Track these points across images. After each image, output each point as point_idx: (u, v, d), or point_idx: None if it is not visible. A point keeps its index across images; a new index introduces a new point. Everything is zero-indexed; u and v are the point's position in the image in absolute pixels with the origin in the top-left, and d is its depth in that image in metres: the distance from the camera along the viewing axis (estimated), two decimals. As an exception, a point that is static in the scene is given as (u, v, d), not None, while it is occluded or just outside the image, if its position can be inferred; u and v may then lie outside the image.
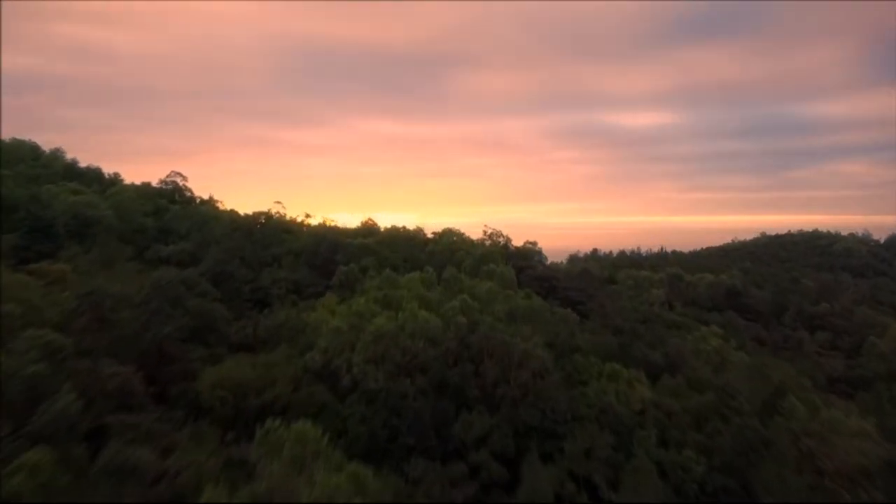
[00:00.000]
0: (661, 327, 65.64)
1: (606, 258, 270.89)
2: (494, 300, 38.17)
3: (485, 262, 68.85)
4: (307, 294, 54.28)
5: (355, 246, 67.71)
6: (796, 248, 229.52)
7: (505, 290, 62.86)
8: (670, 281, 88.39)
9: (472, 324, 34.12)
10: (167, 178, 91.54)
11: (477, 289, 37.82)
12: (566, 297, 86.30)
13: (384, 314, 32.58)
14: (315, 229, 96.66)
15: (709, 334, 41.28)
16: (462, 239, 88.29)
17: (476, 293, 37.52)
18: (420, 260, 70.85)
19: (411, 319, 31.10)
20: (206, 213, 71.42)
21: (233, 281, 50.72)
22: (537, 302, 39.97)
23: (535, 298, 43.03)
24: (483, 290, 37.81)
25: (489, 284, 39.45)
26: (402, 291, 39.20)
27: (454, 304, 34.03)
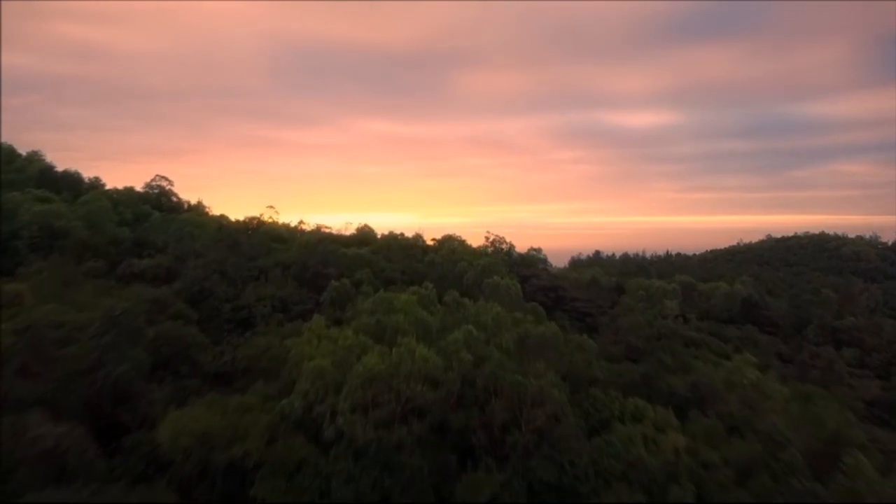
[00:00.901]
0: (678, 345, 61.03)
1: (609, 260, 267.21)
2: (502, 327, 33.51)
3: (488, 273, 64.26)
4: (295, 313, 49.61)
5: (349, 257, 63.06)
6: (804, 252, 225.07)
7: (512, 311, 58.44)
8: (683, 291, 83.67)
9: (478, 359, 29.53)
10: (152, 182, 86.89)
11: (482, 316, 33.17)
12: (573, 309, 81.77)
13: (376, 349, 27.95)
14: (309, 236, 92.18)
15: (742, 363, 36.57)
16: (463, 247, 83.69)
17: (481, 320, 32.89)
18: (419, 271, 66.21)
19: (407, 358, 26.45)
20: (190, 222, 66.69)
21: (212, 299, 46.03)
22: (550, 329, 35.26)
23: (548, 323, 38.32)
24: (489, 316, 33.15)
25: (496, 309, 34.72)
26: (398, 317, 34.54)
27: (457, 336, 29.36)
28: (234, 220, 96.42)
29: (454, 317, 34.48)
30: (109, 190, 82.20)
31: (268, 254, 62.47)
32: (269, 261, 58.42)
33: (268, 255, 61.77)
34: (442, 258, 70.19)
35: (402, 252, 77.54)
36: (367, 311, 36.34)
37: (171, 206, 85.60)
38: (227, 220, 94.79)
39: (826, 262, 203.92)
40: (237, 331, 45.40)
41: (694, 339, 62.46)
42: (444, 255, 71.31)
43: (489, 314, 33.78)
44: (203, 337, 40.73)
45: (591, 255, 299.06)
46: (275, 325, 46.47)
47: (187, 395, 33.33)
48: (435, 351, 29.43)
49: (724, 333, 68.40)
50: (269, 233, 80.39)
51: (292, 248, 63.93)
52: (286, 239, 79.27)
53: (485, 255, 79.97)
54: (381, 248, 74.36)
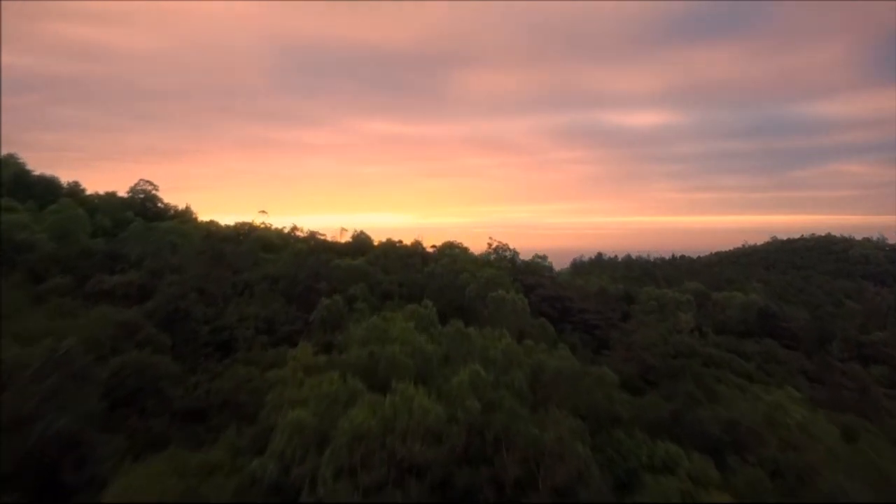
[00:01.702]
0: (697, 364, 56.68)
1: (612, 263, 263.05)
2: (513, 362, 29.10)
3: (492, 286, 59.89)
4: (281, 334, 45.19)
5: (343, 269, 58.62)
6: (810, 254, 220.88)
7: (519, 327, 54.03)
8: (696, 301, 79.28)
9: (486, 404, 25.20)
10: (136, 187, 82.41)
11: (491, 350, 28.75)
12: (581, 321, 77.36)
13: (366, 399, 23.57)
14: (301, 244, 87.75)
15: (786, 399, 32.16)
16: (465, 255, 79.31)
17: (490, 355, 28.49)
18: (418, 283, 61.79)
19: (404, 410, 22.09)
20: (173, 230, 62.20)
21: (188, 321, 41.58)
22: (567, 361, 30.86)
23: (562, 352, 33.92)
24: (498, 350, 28.74)
25: (505, 340, 30.28)
26: (394, 348, 30.17)
27: (462, 378, 24.96)
28: (224, 226, 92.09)
29: (458, 349, 30.03)
30: (90, 195, 77.69)
31: (255, 266, 58.01)
32: (256, 274, 53.96)
33: (255, 268, 57.33)
34: (442, 268, 65.76)
35: (400, 261, 73.15)
36: (358, 341, 31.89)
37: (157, 212, 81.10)
38: (216, 225, 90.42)
39: (834, 265, 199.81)
40: (216, 356, 40.98)
41: (713, 357, 58.09)
42: (445, 265, 66.88)
43: (498, 347, 29.31)
44: (175, 366, 36.26)
45: (592, 257, 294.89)
46: (258, 349, 42.03)
47: (150, 440, 29.02)
48: (436, 396, 25.03)
49: (743, 349, 64.02)
50: (260, 240, 76.01)
51: (282, 259, 59.46)
52: (278, 247, 74.83)
53: (488, 265, 75.59)
54: (377, 257, 69.95)
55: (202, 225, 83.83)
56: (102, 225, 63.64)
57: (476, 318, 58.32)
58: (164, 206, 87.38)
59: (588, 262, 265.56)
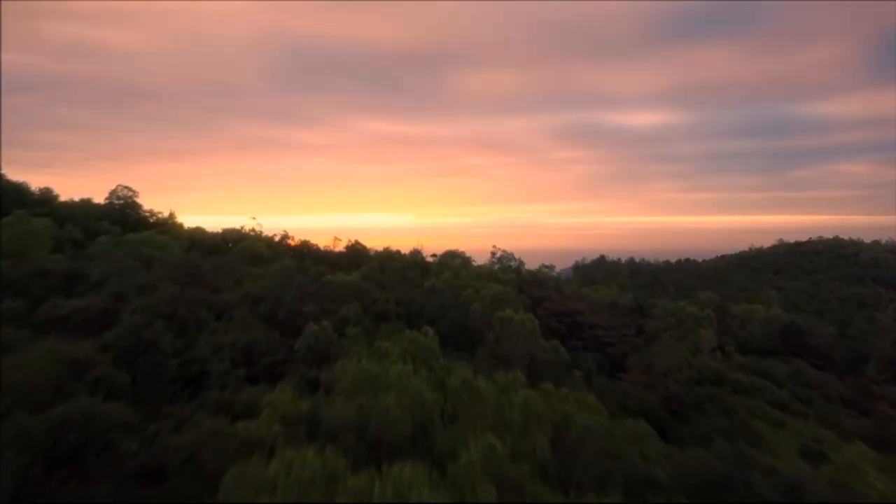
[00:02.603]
0: (727, 391, 51.40)
1: (615, 266, 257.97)
2: (531, 420, 23.74)
3: (499, 304, 54.55)
4: (261, 366, 39.79)
5: (335, 286, 53.21)
6: (819, 258, 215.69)
7: (527, 351, 48.71)
8: (715, 315, 73.92)
9: (503, 486, 19.94)
10: (116, 192, 76.94)
11: (506, 410, 23.44)
12: (592, 338, 72.12)
13: (348, 484, 18.33)
14: (294, 252, 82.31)
15: (858, 458, 26.86)
16: (467, 268, 73.96)
17: (505, 416, 23.17)
18: (417, 301, 56.44)
19: None
20: (149, 242, 56.73)
21: (153, 353, 36.17)
22: (596, 417, 25.49)
23: (586, 397, 28.52)
24: (515, 409, 23.38)
25: (522, 393, 24.88)
26: (388, 399, 24.86)
27: (472, 457, 19.62)
28: (211, 233, 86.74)
29: (467, 411, 24.61)
30: (64, 202, 72.17)
31: (236, 284, 52.56)
32: (237, 294, 48.53)
33: (236, 286, 51.88)
34: (444, 283, 60.40)
35: (398, 274, 67.79)
36: (345, 392, 26.50)
37: (138, 220, 75.61)
38: (202, 233, 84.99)
39: (844, 270, 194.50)
40: (185, 394, 35.57)
41: (742, 383, 52.74)
42: (447, 279, 61.52)
43: (514, 402, 23.92)
44: (132, 412, 30.86)
45: (595, 260, 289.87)
46: (234, 385, 36.59)
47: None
48: (438, 475, 19.66)
49: (772, 372, 58.66)
50: (248, 251, 70.55)
51: (268, 275, 54.03)
52: (266, 259, 69.37)
53: (492, 278, 70.28)
54: (373, 270, 64.54)
55: (186, 233, 78.34)
56: (72, 237, 58.17)
57: (481, 340, 53.12)
58: (146, 214, 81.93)
59: (591, 265, 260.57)
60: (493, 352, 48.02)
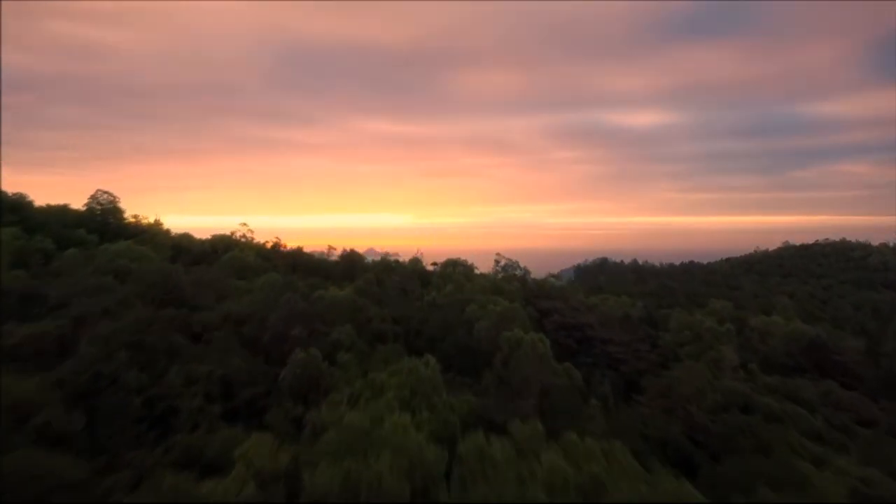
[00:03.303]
0: (757, 419, 46.82)
1: (618, 269, 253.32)
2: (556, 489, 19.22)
3: (506, 322, 50.02)
4: (240, 400, 35.16)
5: (326, 302, 48.62)
6: (827, 261, 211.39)
7: (538, 378, 44.25)
8: (736, 328, 69.47)
9: None
10: (94, 198, 72.22)
11: (529, 486, 18.86)
12: (604, 355, 67.47)
13: None
14: (287, 259, 77.73)
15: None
16: (470, 278, 69.39)
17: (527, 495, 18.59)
18: (416, 319, 51.84)
19: None
20: (125, 253, 52.13)
21: (115, 390, 31.57)
22: (637, 486, 20.95)
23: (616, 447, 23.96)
24: (538, 481, 18.85)
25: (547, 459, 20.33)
26: (381, 465, 20.37)
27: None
28: (199, 240, 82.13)
29: (478, 480, 20.00)
30: (39, 209, 67.45)
31: (220, 300, 47.92)
32: (217, 314, 43.91)
33: (219, 303, 47.25)
34: (446, 298, 55.84)
35: (397, 286, 63.21)
36: (330, 453, 21.90)
37: (118, 228, 70.90)
38: (189, 240, 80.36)
39: (853, 274, 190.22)
40: (148, 437, 30.98)
41: (773, 410, 48.10)
42: (449, 293, 56.94)
43: (538, 482, 19.33)
44: (82, 466, 26.28)
45: (597, 262, 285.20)
46: (207, 424, 31.98)
47: None
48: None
49: (802, 395, 54.10)
50: (235, 261, 65.91)
51: (254, 290, 49.40)
52: (255, 270, 64.76)
53: (497, 289, 65.75)
54: (369, 283, 59.94)
55: (172, 241, 73.67)
56: (42, 248, 53.48)
57: (488, 362, 48.62)
58: (130, 220, 77.21)
59: (593, 268, 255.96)
60: (501, 377, 43.51)
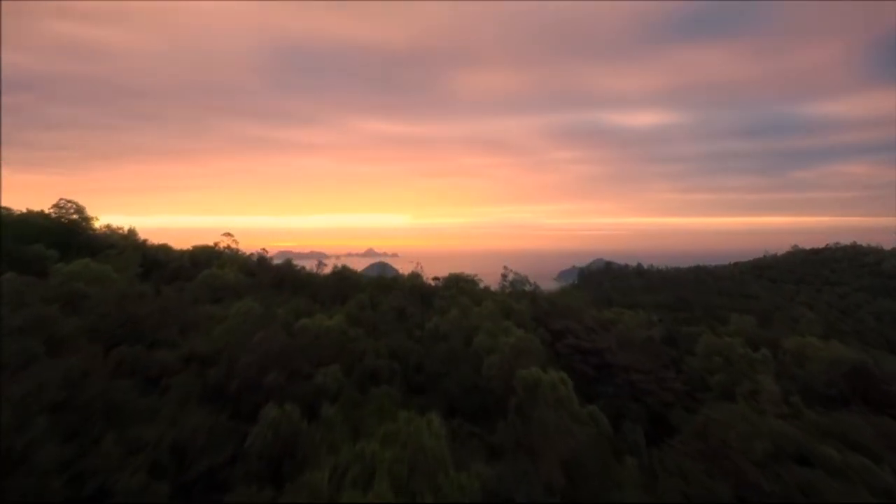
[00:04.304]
0: (821, 479, 39.98)
1: (622, 273, 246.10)
2: None
3: (521, 358, 43.09)
4: (196, 472, 28.14)
5: (311, 334, 41.59)
6: (839, 266, 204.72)
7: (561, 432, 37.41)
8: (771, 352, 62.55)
9: None
10: (57, 207, 65.11)
11: None
12: (627, 384, 60.51)
13: None
14: (274, 274, 70.69)
15: None
16: (478, 303, 62.38)
17: None
18: (416, 352, 44.84)
19: None
20: (79, 275, 45.07)
21: (30, 470, 24.58)
22: None
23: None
24: None
25: None
26: None
27: None
28: (179, 251, 75.03)
29: None
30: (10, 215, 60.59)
31: (185, 333, 40.82)
32: (179, 354, 36.85)
33: (185, 337, 40.16)
34: (450, 325, 48.85)
35: (394, 309, 56.20)
36: None
37: (86, 241, 63.73)
38: (167, 252, 73.24)
39: (868, 280, 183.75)
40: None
41: (834, 462, 41.20)
42: (454, 319, 49.91)
43: None
44: None
45: (600, 266, 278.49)
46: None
47: None
48: None
49: (860, 439, 47.18)
50: (213, 280, 58.83)
51: (228, 318, 42.34)
52: (234, 288, 57.66)
53: (506, 310, 58.81)
54: (362, 307, 52.88)
55: (144, 254, 66.52)
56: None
57: (500, 407, 41.70)
58: (101, 232, 70.08)
59: (597, 272, 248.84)
60: (518, 431, 36.54)
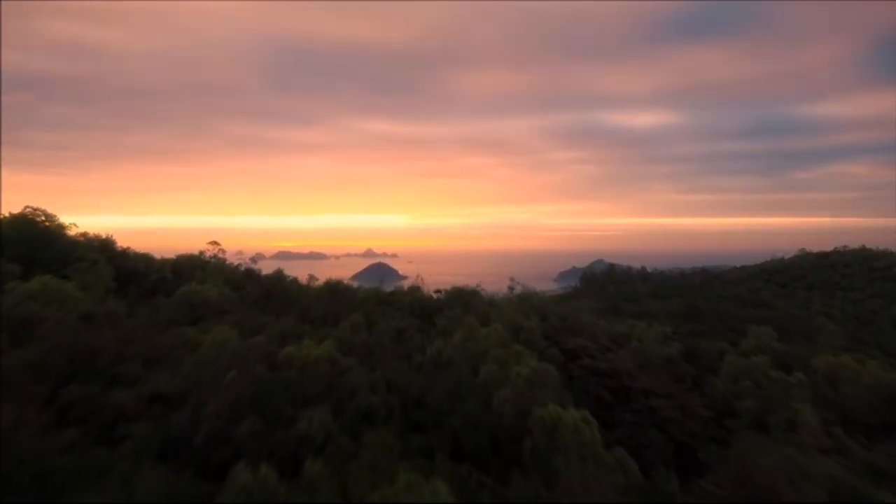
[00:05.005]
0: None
1: (626, 276, 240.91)
2: None
3: (534, 388, 37.85)
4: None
5: (295, 365, 36.29)
6: (849, 270, 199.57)
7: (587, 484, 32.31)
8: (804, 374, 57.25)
9: None
10: (24, 214, 59.81)
11: None
12: (647, 411, 55.13)
13: None
14: (260, 287, 65.43)
15: None
16: (484, 322, 57.08)
17: None
18: (416, 385, 39.53)
19: None
20: (40, 294, 39.82)
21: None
22: None
23: None
24: None
25: None
26: None
27: None
28: (160, 261, 69.80)
29: None
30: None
31: (150, 365, 35.48)
32: (142, 392, 31.57)
33: (150, 370, 34.83)
34: (455, 351, 43.61)
35: (392, 329, 50.90)
36: None
37: (53, 254, 58.30)
38: (149, 261, 67.92)
39: (881, 286, 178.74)
40: None
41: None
42: (458, 344, 44.66)
43: None
44: None
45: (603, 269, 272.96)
46: None
47: None
48: None
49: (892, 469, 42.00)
50: (191, 298, 53.45)
51: (201, 353, 36.97)
52: (215, 307, 52.31)
53: (515, 333, 53.59)
54: (357, 327, 47.57)
55: (120, 264, 61.10)
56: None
57: (511, 448, 36.42)
58: (73, 240, 64.71)
59: (600, 276, 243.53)
60: (536, 485, 31.33)
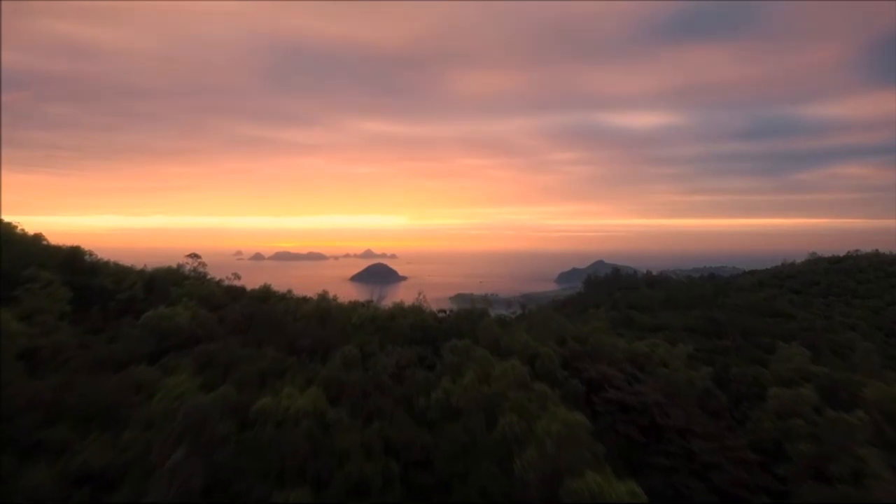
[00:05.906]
0: None
1: (630, 280, 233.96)
2: None
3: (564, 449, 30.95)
4: None
5: (270, 427, 29.39)
6: (864, 276, 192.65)
7: None
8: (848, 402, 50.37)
9: None
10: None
11: None
12: (685, 454, 48.38)
13: None
14: (243, 309, 58.82)
15: None
16: (498, 355, 50.28)
17: None
18: (419, 444, 32.63)
19: None
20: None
21: None
22: None
23: None
24: None
25: None
26: None
27: None
28: (138, 272, 63.17)
29: None
30: None
31: (84, 431, 28.53)
32: (68, 468, 24.57)
33: (83, 438, 27.88)
34: (464, 397, 36.69)
35: (391, 363, 43.97)
36: None
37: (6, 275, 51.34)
38: (125, 274, 61.12)
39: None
40: None
41: None
42: (469, 386, 37.70)
43: None
44: None
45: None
46: None
47: None
48: None
49: None
50: (158, 324, 46.39)
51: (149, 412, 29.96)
52: (187, 336, 45.31)
53: (531, 362, 46.82)
54: (350, 362, 40.58)
55: (82, 282, 54.07)
56: None
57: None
58: (33, 254, 57.67)
59: (605, 281, 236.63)
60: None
